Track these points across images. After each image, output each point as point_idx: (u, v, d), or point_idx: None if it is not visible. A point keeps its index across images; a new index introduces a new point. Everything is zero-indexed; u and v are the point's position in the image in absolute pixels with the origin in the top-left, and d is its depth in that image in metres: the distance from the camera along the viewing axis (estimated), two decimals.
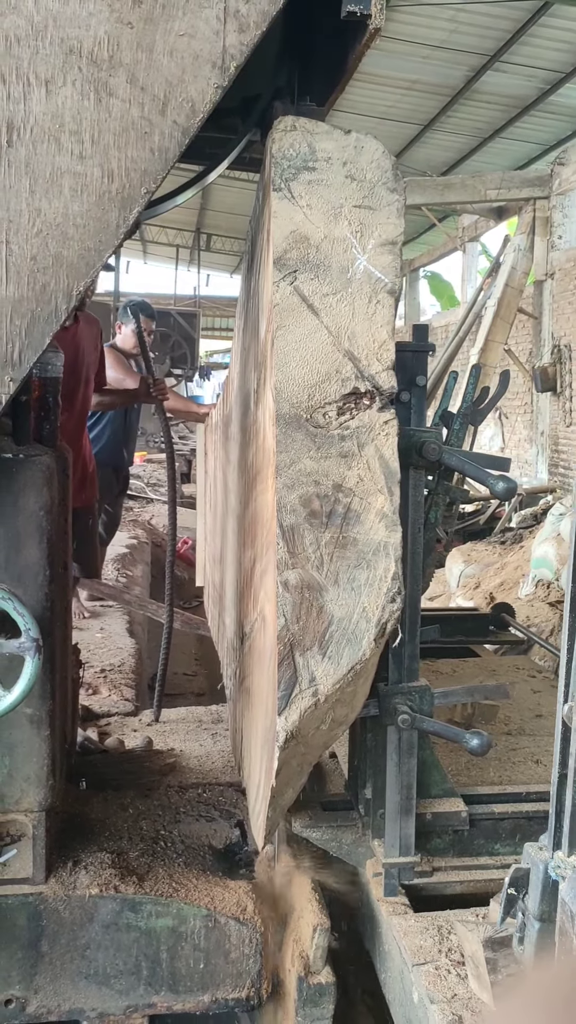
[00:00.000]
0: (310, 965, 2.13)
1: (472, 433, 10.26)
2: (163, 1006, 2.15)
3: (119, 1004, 2.13)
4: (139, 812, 2.50)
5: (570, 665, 1.34)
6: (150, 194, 1.77)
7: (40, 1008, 2.10)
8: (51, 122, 1.73)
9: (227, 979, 2.15)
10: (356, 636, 1.76)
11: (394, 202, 1.89)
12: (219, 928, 2.13)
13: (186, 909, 2.13)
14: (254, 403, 2.31)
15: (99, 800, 2.54)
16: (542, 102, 12.60)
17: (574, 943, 1.25)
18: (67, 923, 2.10)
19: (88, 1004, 2.12)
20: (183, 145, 1.76)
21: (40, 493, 1.98)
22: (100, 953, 2.12)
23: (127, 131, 1.74)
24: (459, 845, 2.32)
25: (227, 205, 21.23)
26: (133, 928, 2.12)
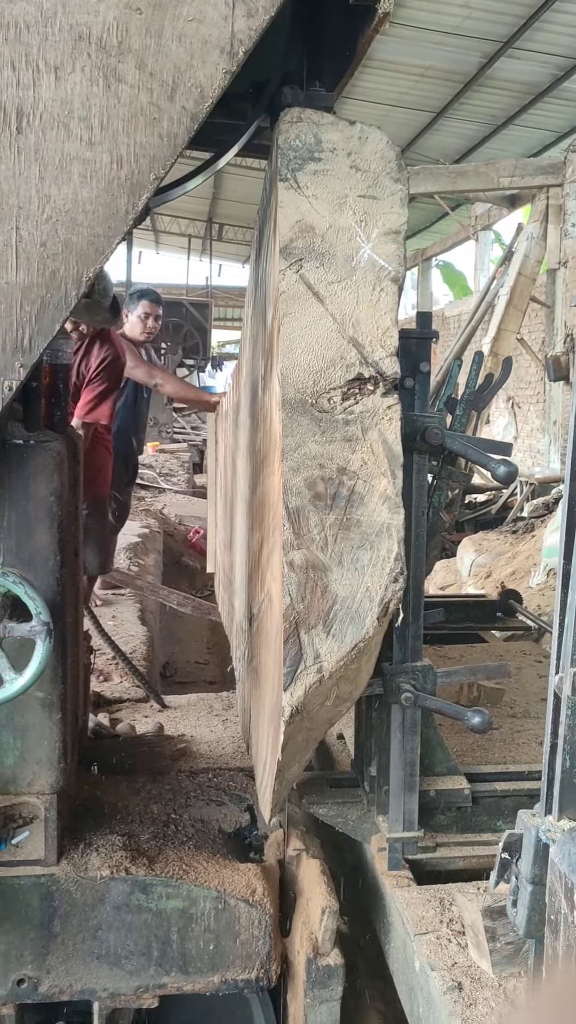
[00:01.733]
0: (319, 947, 2.15)
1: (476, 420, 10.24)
2: (174, 987, 2.17)
3: (130, 984, 2.16)
4: (150, 796, 2.52)
5: (561, 637, 1.37)
6: (159, 180, 1.78)
7: (52, 987, 2.13)
8: (60, 108, 1.73)
9: (237, 960, 2.17)
10: (359, 615, 1.80)
11: (398, 192, 1.93)
12: (229, 910, 2.16)
13: (196, 891, 2.15)
14: (261, 389, 2.35)
15: (111, 784, 2.57)
16: (556, 88, 12.49)
17: (562, 903, 1.28)
18: (79, 904, 2.12)
19: (99, 984, 2.15)
20: (192, 131, 1.76)
21: (51, 479, 2.00)
22: (111, 934, 2.14)
23: (136, 117, 1.74)
24: (462, 822, 2.38)
25: (239, 194, 21.17)
26: (144, 909, 2.14)
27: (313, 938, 2.15)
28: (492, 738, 2.81)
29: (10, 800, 2.10)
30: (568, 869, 1.27)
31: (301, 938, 2.20)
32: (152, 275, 28.20)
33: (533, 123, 14.05)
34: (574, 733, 1.35)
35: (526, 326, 13.11)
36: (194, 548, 9.48)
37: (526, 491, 9.85)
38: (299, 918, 2.26)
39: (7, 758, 2.08)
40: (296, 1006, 2.22)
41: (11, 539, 1.98)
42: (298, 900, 2.28)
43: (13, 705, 1.99)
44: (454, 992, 1.81)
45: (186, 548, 9.57)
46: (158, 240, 29.46)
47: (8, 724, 2.06)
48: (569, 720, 1.35)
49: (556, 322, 12.95)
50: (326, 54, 2.19)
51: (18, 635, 1.81)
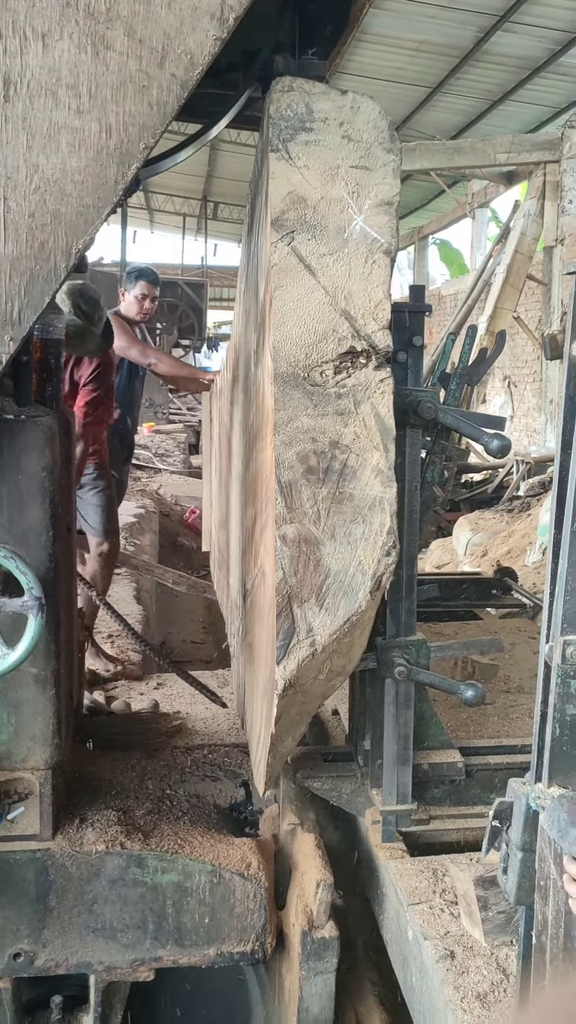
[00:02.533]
0: (314, 920, 2.16)
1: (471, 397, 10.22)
2: (169, 959, 2.18)
3: (126, 958, 2.17)
4: (145, 772, 2.53)
5: (551, 608, 1.37)
6: (149, 149, 1.75)
7: (48, 961, 2.14)
8: (48, 76, 1.70)
9: (232, 933, 2.19)
10: (352, 589, 1.81)
11: (390, 162, 1.90)
12: (224, 883, 2.16)
13: (191, 865, 2.16)
14: (254, 364, 2.34)
15: (106, 760, 2.57)
16: (553, 63, 12.38)
17: (551, 868, 1.29)
18: (74, 878, 2.13)
19: (95, 958, 2.16)
20: (182, 99, 1.73)
21: (42, 454, 1.99)
22: (107, 908, 2.15)
23: (125, 85, 1.71)
24: (455, 795, 2.40)
25: (234, 172, 20.99)
26: (139, 883, 2.15)
27: (308, 911, 2.16)
28: (486, 713, 2.84)
29: (5, 776, 2.10)
30: (557, 835, 1.29)
31: (296, 911, 2.21)
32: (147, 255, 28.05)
33: (530, 98, 13.93)
34: (564, 702, 1.36)
35: (523, 304, 13.05)
36: (190, 528, 9.48)
37: (522, 470, 9.84)
38: (294, 891, 2.27)
39: (1, 734, 2.08)
40: (291, 978, 2.24)
41: (3, 515, 1.97)
42: (293, 873, 2.29)
43: (7, 681, 1.99)
44: (447, 960, 1.83)
45: (182, 528, 9.57)
46: (152, 219, 29.27)
47: (2, 700, 2.06)
48: (559, 689, 1.36)
49: (553, 300, 12.89)
50: (319, 22, 2.16)
51: (10, 610, 1.80)
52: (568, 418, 1.39)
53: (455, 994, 1.74)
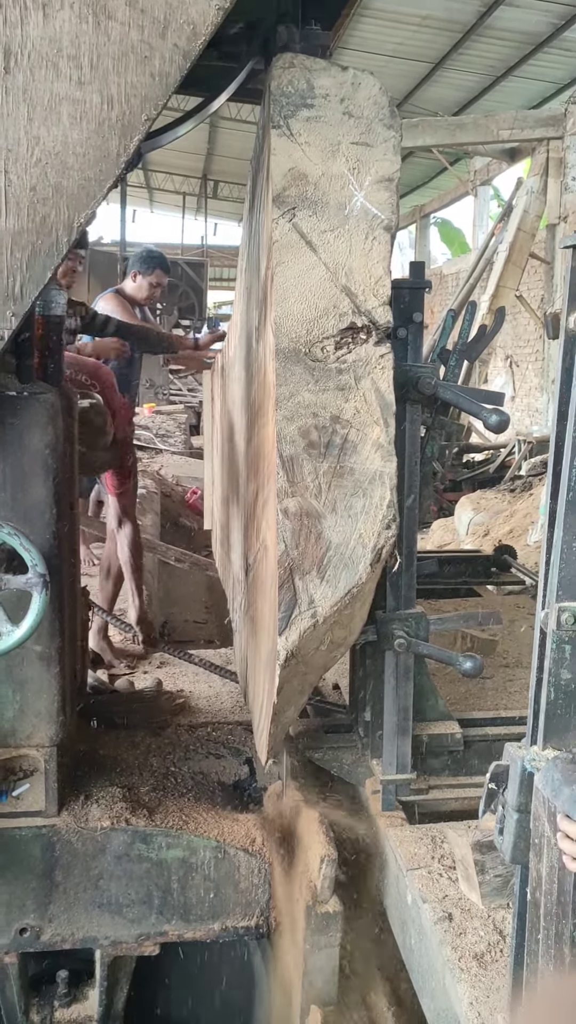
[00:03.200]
0: (317, 895, 2.17)
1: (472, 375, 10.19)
2: (174, 934, 2.20)
3: (131, 932, 2.19)
4: (149, 749, 2.54)
5: (547, 575, 1.40)
6: (151, 121, 1.73)
7: (54, 936, 2.16)
8: (49, 47, 1.68)
9: (237, 908, 2.20)
10: (353, 561, 1.83)
11: (391, 138, 1.91)
12: (228, 859, 2.18)
13: (196, 841, 2.17)
14: (255, 340, 2.35)
15: (110, 738, 2.58)
16: (556, 38, 12.21)
17: (546, 827, 1.33)
18: (80, 854, 2.14)
19: (101, 932, 2.18)
20: (184, 69, 1.71)
21: (45, 431, 1.98)
22: (113, 883, 2.16)
23: (126, 55, 1.69)
24: (454, 765, 2.43)
25: (234, 150, 20.80)
26: (144, 859, 2.16)
27: (312, 886, 2.17)
28: (484, 687, 2.87)
29: (10, 753, 2.11)
30: (551, 794, 1.32)
31: (300, 886, 2.23)
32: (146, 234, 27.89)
33: (533, 74, 13.76)
34: (559, 667, 1.39)
35: (525, 283, 12.97)
36: (191, 509, 9.47)
37: (524, 449, 9.82)
38: (298, 867, 2.28)
39: (6, 711, 2.08)
40: (296, 952, 2.26)
41: (5, 492, 1.96)
42: (297, 849, 2.31)
43: (11, 659, 1.99)
44: (444, 922, 1.86)
45: (183, 508, 9.56)
46: (152, 198, 29.04)
47: (7, 678, 2.06)
48: (554, 654, 1.39)
49: (556, 278, 12.81)
50: None
51: (14, 587, 1.80)
52: (564, 390, 1.41)
53: (453, 954, 1.78)
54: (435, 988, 1.86)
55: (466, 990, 1.69)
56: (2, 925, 2.12)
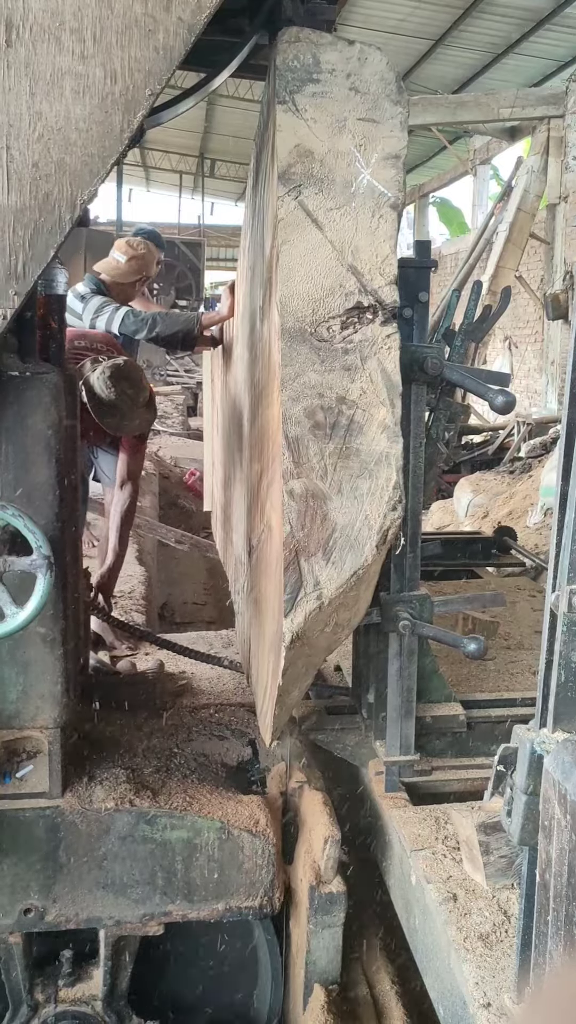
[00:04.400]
0: (321, 875, 2.18)
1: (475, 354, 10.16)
2: (178, 914, 2.21)
3: (136, 913, 2.19)
4: (152, 731, 2.54)
5: (558, 557, 1.39)
6: (155, 96, 1.70)
7: (59, 917, 2.16)
8: (51, 20, 1.65)
9: (241, 888, 2.21)
10: (358, 543, 1.82)
11: (398, 115, 1.88)
12: (232, 840, 2.18)
13: (200, 822, 2.17)
14: (260, 320, 2.32)
15: (113, 720, 2.58)
16: (558, 15, 12.10)
17: (555, 809, 1.32)
18: (84, 835, 2.14)
19: (105, 913, 2.18)
20: (189, 44, 1.68)
21: (48, 412, 1.96)
22: (117, 864, 2.17)
23: (130, 29, 1.66)
24: (457, 747, 2.44)
25: (232, 128, 20.62)
26: (149, 840, 2.16)
27: (316, 866, 2.18)
28: (487, 668, 2.88)
29: (14, 734, 2.11)
30: (562, 776, 1.31)
31: (304, 866, 2.24)
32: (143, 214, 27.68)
33: (534, 51, 13.65)
34: (569, 649, 1.38)
35: (525, 264, 12.90)
36: (190, 490, 9.46)
37: (523, 431, 9.80)
38: (302, 847, 2.29)
39: (10, 693, 2.08)
40: (299, 932, 2.27)
41: (9, 473, 1.95)
42: (301, 830, 2.31)
43: (15, 641, 1.98)
44: (449, 903, 1.87)
45: (182, 490, 9.55)
46: (148, 177, 28.81)
47: (10, 660, 2.05)
48: (564, 637, 1.38)
49: (555, 259, 12.74)
50: None
51: (19, 569, 1.79)
52: (575, 373, 1.39)
53: (458, 934, 1.79)
54: (439, 968, 1.87)
55: (471, 970, 1.70)
56: (6, 905, 2.13)
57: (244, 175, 26.26)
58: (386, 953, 2.35)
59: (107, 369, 3.06)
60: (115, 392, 3.04)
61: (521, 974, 1.53)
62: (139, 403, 3.15)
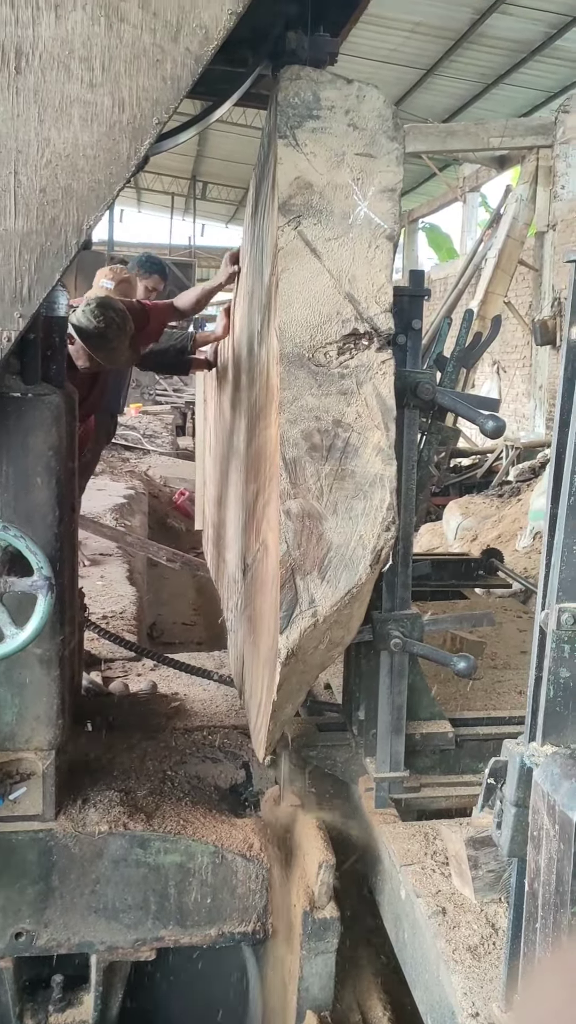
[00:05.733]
0: (315, 900, 2.17)
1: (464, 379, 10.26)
2: (171, 939, 2.19)
3: (128, 937, 2.18)
4: (145, 753, 2.53)
5: (547, 577, 1.43)
6: (162, 125, 1.73)
7: (50, 941, 2.14)
8: (61, 48, 1.67)
9: (234, 913, 2.20)
10: (353, 562, 1.87)
11: (394, 150, 1.95)
12: (226, 864, 2.17)
13: (194, 846, 2.16)
14: (258, 344, 2.36)
15: (106, 741, 2.57)
16: (548, 47, 12.31)
17: (544, 820, 1.35)
18: (77, 859, 2.13)
19: (97, 937, 2.17)
20: (196, 74, 1.71)
21: (49, 433, 1.97)
22: (109, 888, 2.15)
23: (138, 58, 1.69)
24: (445, 764, 2.46)
25: (224, 152, 20.81)
26: (142, 864, 2.15)
27: (309, 891, 2.17)
28: (474, 688, 2.93)
29: (8, 756, 2.10)
30: (551, 788, 1.35)
31: (297, 891, 2.22)
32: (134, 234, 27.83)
33: (523, 82, 13.86)
34: (558, 665, 1.42)
35: (513, 290, 13.02)
36: (179, 510, 9.46)
37: (511, 455, 9.86)
38: (295, 872, 2.28)
39: (5, 715, 2.07)
40: (292, 958, 2.25)
41: (9, 494, 1.95)
42: (294, 854, 2.30)
43: (11, 662, 1.98)
44: (438, 916, 1.88)
45: (171, 510, 9.54)
46: (140, 198, 28.97)
47: (6, 681, 2.05)
48: (553, 653, 1.42)
49: (544, 286, 12.87)
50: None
51: (19, 590, 1.79)
52: (566, 398, 1.44)
53: (447, 947, 1.80)
54: (428, 980, 1.89)
55: (460, 981, 1.72)
56: None
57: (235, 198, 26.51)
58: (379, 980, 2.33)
59: (91, 302, 3.19)
60: (103, 320, 3.15)
61: (509, 983, 1.55)
62: (126, 331, 3.24)
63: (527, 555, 6.19)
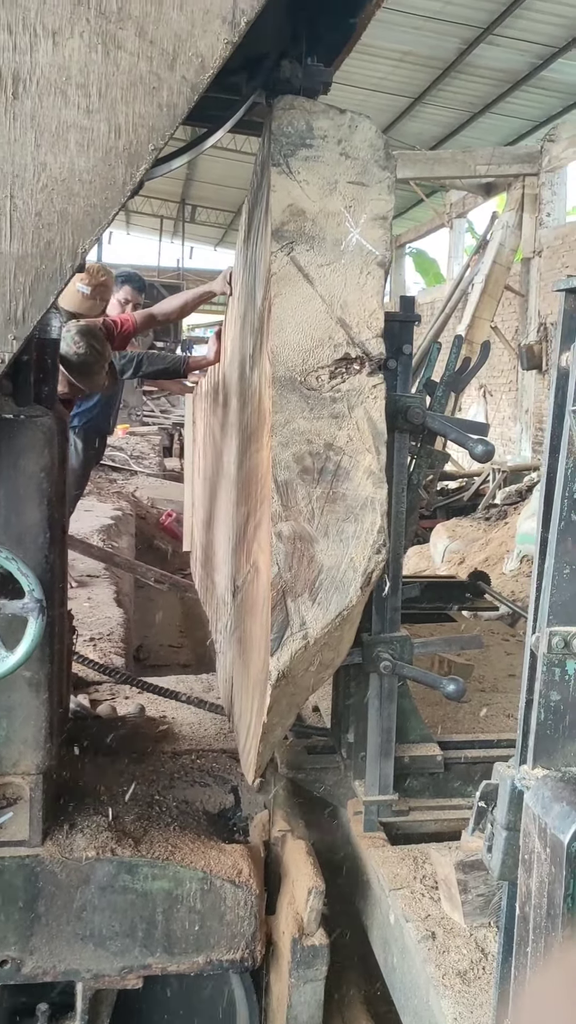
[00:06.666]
0: (304, 927, 2.15)
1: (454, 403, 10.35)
2: (158, 967, 2.16)
3: (114, 965, 2.14)
4: (134, 777, 2.51)
5: (538, 600, 1.44)
6: (157, 151, 1.74)
7: (36, 969, 2.11)
8: (58, 74, 1.69)
9: (222, 941, 2.17)
10: (344, 584, 1.88)
11: (385, 179, 1.98)
12: (214, 891, 2.15)
13: (182, 872, 2.14)
14: (250, 368, 2.38)
15: (93, 765, 2.55)
16: (534, 77, 12.51)
17: (535, 843, 1.36)
18: (63, 885, 2.10)
19: (83, 965, 2.14)
20: (192, 101, 1.73)
21: (41, 455, 1.97)
22: (96, 915, 2.12)
23: (135, 85, 1.70)
24: (434, 787, 2.46)
25: (214, 176, 20.99)
26: (129, 890, 2.13)
27: (299, 918, 2.15)
28: (462, 710, 2.93)
29: None
30: (542, 811, 1.35)
31: (286, 918, 2.20)
32: (123, 256, 27.94)
33: (509, 111, 14.07)
34: (548, 688, 1.43)
35: (499, 315, 13.17)
36: (166, 531, 9.44)
37: (498, 478, 9.92)
38: (284, 898, 2.26)
39: None
40: (280, 986, 2.23)
41: (0, 516, 1.94)
42: (283, 880, 2.29)
43: (0, 684, 1.96)
44: (428, 941, 1.88)
45: (158, 531, 9.53)
46: (129, 220, 29.14)
47: None
48: (544, 676, 1.43)
49: (530, 311, 13.02)
50: (324, 28, 2.16)
51: (10, 612, 1.78)
52: (556, 424, 1.45)
53: (436, 971, 1.80)
54: (418, 1006, 1.87)
55: (450, 1006, 1.71)
56: None
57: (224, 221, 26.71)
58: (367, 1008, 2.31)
59: (71, 328, 3.24)
60: (84, 347, 3.22)
61: (499, 1008, 1.54)
62: (105, 357, 3.29)
63: (514, 578, 6.21)
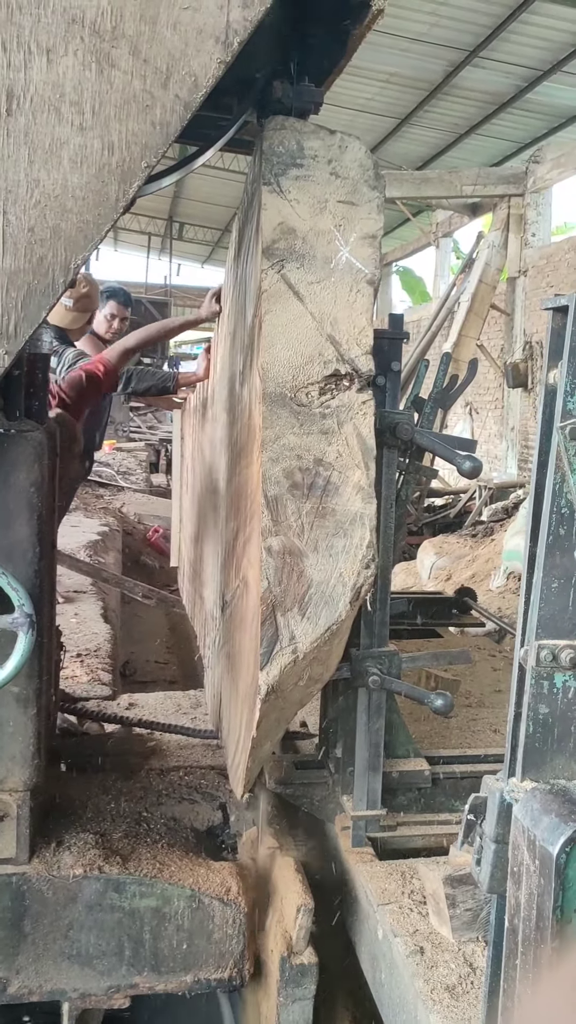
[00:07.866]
0: (293, 945, 2.14)
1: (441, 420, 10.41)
2: (145, 986, 2.14)
3: (101, 984, 2.12)
4: (121, 794, 2.49)
5: (527, 614, 1.45)
6: (150, 168, 1.75)
7: (21, 988, 2.09)
8: (51, 92, 1.70)
9: (210, 959, 2.16)
10: (333, 599, 1.89)
11: (375, 198, 2.01)
12: (203, 909, 2.14)
13: (170, 890, 2.13)
14: (240, 383, 2.39)
15: (81, 782, 2.53)
16: (520, 99, 12.67)
17: (524, 855, 1.36)
18: (50, 903, 2.08)
19: (70, 984, 2.11)
20: (185, 120, 1.74)
21: (31, 469, 1.96)
22: (83, 934, 2.10)
23: (128, 103, 1.72)
24: (422, 802, 2.46)
25: (202, 194, 21.10)
26: (117, 909, 2.11)
27: (287, 936, 2.14)
28: (449, 726, 2.94)
29: None
30: (531, 823, 1.35)
31: (275, 936, 2.19)
32: (110, 273, 27.99)
33: (495, 133, 14.23)
34: (537, 701, 1.43)
35: (485, 333, 13.27)
36: (153, 547, 9.42)
37: (485, 495, 9.96)
38: (273, 916, 2.24)
39: None
40: (268, 1005, 2.21)
41: None
42: (272, 898, 2.27)
43: None
44: (416, 956, 1.87)
45: (145, 547, 9.50)
46: (117, 237, 29.21)
47: None
48: (532, 689, 1.44)
49: (515, 329, 13.12)
50: (315, 49, 2.18)
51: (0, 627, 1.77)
52: (544, 440, 1.47)
53: (425, 986, 1.79)
54: (406, 1021, 1.87)
55: (438, 1021, 1.71)
56: None
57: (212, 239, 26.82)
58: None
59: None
60: None
61: (488, 1021, 1.53)
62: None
63: (501, 595, 6.23)
